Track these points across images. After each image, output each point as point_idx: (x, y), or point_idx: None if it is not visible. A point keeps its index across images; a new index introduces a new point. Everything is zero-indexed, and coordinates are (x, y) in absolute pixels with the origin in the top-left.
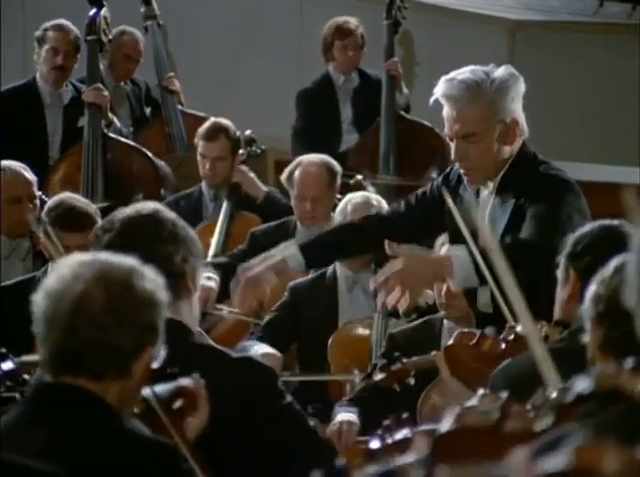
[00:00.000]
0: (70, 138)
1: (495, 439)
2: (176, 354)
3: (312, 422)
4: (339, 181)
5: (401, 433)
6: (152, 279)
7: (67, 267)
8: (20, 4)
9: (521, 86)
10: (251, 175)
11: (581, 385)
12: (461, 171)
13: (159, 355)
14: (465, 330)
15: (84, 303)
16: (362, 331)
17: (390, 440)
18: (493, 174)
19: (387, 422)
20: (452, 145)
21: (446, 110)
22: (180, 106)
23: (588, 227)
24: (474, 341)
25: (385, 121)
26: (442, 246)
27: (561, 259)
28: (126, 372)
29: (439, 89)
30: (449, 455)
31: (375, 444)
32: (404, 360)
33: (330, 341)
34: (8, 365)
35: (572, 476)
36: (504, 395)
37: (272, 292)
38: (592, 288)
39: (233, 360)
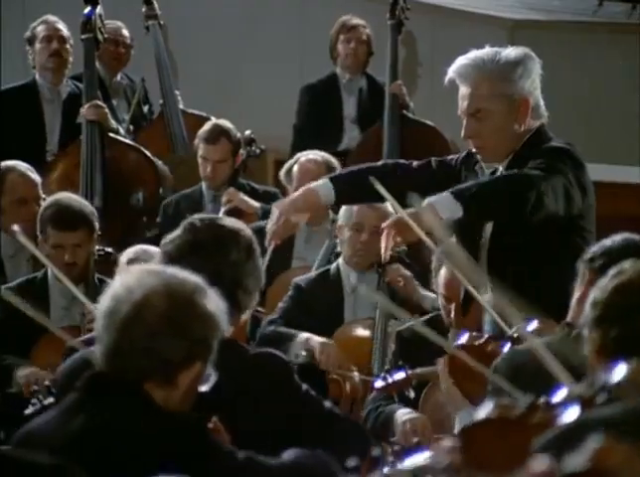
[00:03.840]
0: (68, 133)
1: (523, 432)
2: None
3: (329, 404)
4: None
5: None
6: (215, 301)
7: (133, 274)
8: (20, 4)
9: (534, 66)
10: (242, 196)
11: (613, 377)
12: (473, 150)
13: (209, 378)
14: (473, 333)
15: (144, 309)
16: (362, 331)
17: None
18: (505, 153)
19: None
20: (464, 123)
21: (460, 89)
22: (181, 106)
23: (609, 241)
24: (481, 341)
25: (388, 121)
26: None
27: (580, 267)
28: (172, 381)
29: (452, 69)
30: (480, 444)
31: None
32: (409, 371)
33: (331, 341)
34: (49, 400)
35: (590, 474)
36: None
37: (276, 290)
38: (592, 295)
39: (250, 355)
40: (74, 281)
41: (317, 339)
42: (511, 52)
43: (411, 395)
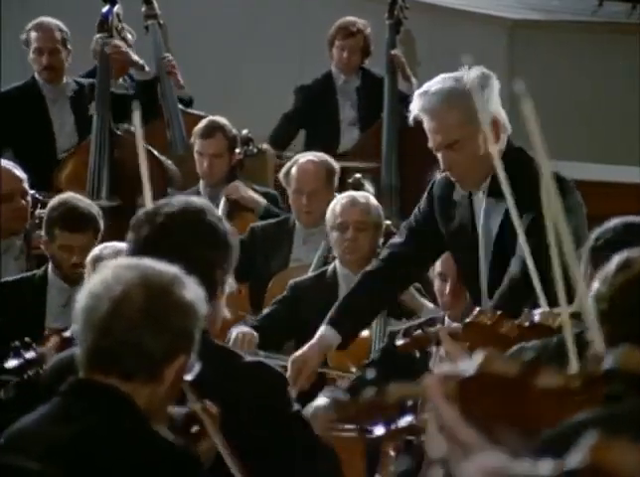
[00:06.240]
0: (83, 128)
1: (522, 391)
2: None
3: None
4: (337, 180)
5: (405, 421)
6: (193, 290)
7: (110, 269)
8: (20, 4)
9: (494, 84)
10: (244, 190)
11: (609, 359)
12: (453, 179)
13: (193, 367)
14: (484, 309)
15: (122, 304)
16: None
17: (394, 427)
18: (485, 176)
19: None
20: (439, 156)
21: (426, 124)
22: (181, 107)
23: (612, 223)
24: (492, 321)
25: (387, 120)
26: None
27: (583, 254)
28: (157, 376)
29: (415, 105)
30: (474, 400)
31: (380, 431)
32: (426, 329)
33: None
34: (31, 354)
35: (587, 475)
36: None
37: (273, 290)
38: (595, 286)
39: (246, 363)
40: (77, 282)
41: (235, 330)
42: (469, 77)
43: (433, 349)
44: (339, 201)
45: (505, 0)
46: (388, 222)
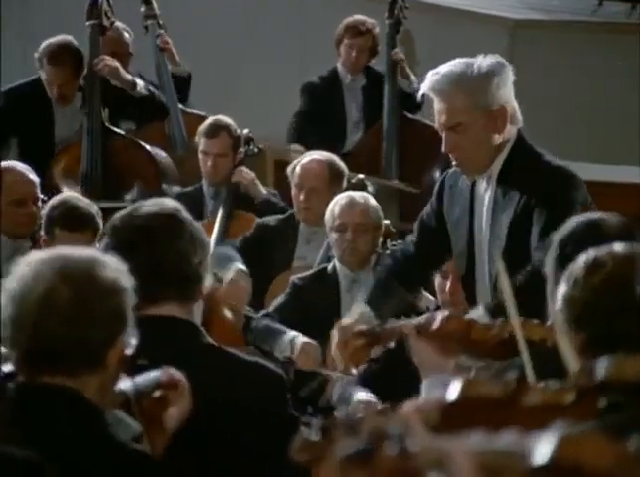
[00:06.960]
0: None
1: (509, 411)
2: (186, 353)
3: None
4: (344, 182)
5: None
6: (114, 267)
7: (27, 267)
8: (20, 4)
9: (507, 74)
10: (252, 175)
11: (602, 370)
12: (453, 163)
13: (131, 342)
14: (452, 314)
15: (50, 300)
16: None
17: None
18: (486, 164)
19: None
20: (443, 137)
21: (435, 104)
22: (181, 107)
23: (571, 225)
24: (463, 327)
25: (387, 120)
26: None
27: (549, 262)
28: (101, 363)
29: (425, 85)
30: (458, 426)
31: None
32: (389, 324)
33: (330, 341)
34: (9, 367)
35: (557, 467)
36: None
37: (276, 290)
38: (564, 289)
39: (244, 362)
40: None
41: (301, 339)
42: (483, 62)
43: (391, 344)
44: (337, 201)
45: (506, 0)
46: (386, 221)
